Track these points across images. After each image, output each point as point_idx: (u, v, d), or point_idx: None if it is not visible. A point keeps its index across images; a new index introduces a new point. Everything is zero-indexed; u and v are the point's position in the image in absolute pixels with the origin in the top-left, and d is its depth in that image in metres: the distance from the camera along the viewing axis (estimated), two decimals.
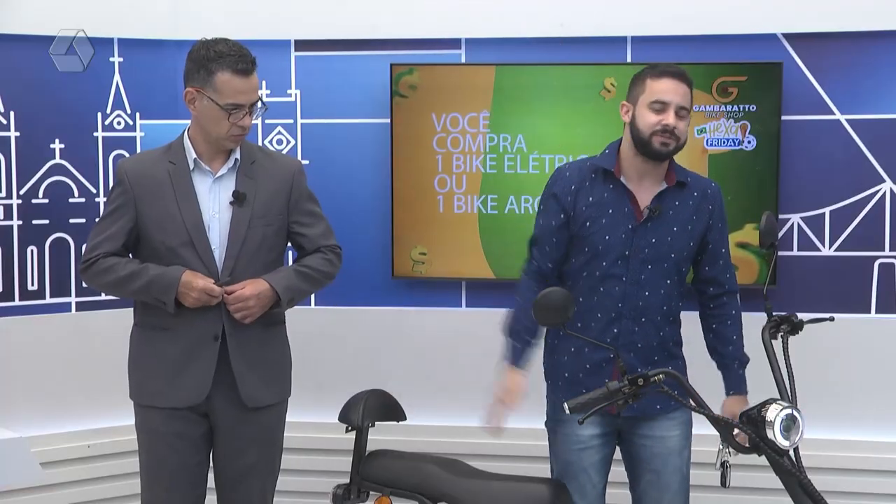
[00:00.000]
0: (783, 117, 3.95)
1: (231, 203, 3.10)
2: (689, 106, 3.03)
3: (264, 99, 3.10)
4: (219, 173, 3.12)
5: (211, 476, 3.23)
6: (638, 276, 3.03)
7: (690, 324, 3.20)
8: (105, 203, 3.19)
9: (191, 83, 3.05)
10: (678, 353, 3.16)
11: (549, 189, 3.14)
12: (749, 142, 3.96)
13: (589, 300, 3.04)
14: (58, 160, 4.10)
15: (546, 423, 3.23)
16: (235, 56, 3.00)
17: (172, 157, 3.12)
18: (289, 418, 3.30)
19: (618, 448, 3.19)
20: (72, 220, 4.13)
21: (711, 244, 3.12)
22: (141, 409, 3.16)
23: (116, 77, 4.18)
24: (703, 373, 3.21)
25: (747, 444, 2.57)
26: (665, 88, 2.99)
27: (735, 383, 3.13)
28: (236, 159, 3.13)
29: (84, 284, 3.56)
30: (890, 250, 3.99)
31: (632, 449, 3.14)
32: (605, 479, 3.16)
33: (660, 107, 2.98)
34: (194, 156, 3.11)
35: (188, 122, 3.17)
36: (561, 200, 3.10)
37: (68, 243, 4.13)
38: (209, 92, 3.01)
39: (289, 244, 3.27)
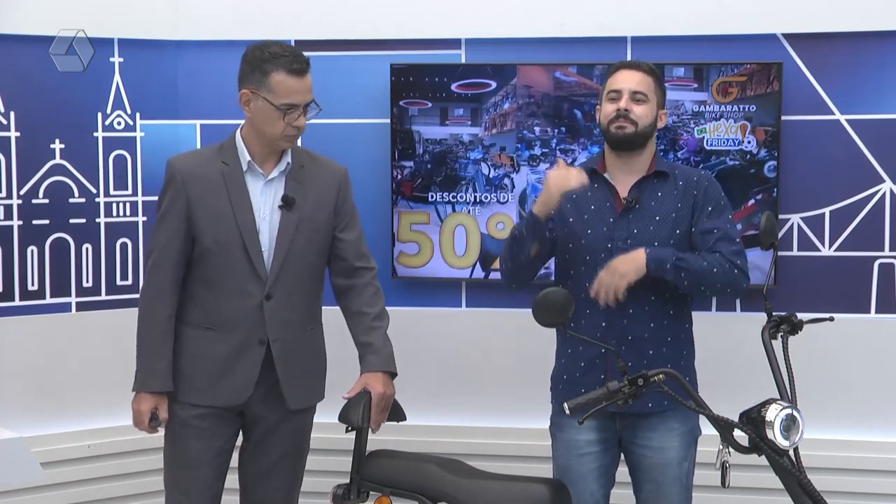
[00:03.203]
0: (783, 117, 3.95)
1: (280, 207, 3.11)
2: (649, 91, 3.08)
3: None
4: (270, 176, 3.13)
5: (231, 478, 3.26)
6: None
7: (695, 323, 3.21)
8: (157, 204, 3.18)
9: (246, 85, 3.06)
10: (680, 349, 3.10)
11: None
12: (749, 142, 3.96)
13: (578, 296, 3.03)
14: (58, 160, 4.10)
15: (550, 428, 3.23)
16: (290, 56, 3.03)
17: (225, 157, 3.13)
18: None
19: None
20: (72, 220, 4.13)
21: (696, 227, 3.07)
22: (174, 403, 3.15)
23: (116, 77, 4.18)
24: (703, 373, 3.22)
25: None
26: (618, 79, 3.10)
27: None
28: (288, 163, 3.14)
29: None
30: (890, 250, 3.99)
31: (632, 458, 3.13)
32: (605, 490, 3.14)
33: (615, 95, 3.08)
34: (248, 158, 3.11)
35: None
36: None
37: (68, 243, 4.13)
38: (264, 92, 3.03)
39: None
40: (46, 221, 4.10)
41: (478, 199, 4.13)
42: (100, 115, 4.17)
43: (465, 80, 4.10)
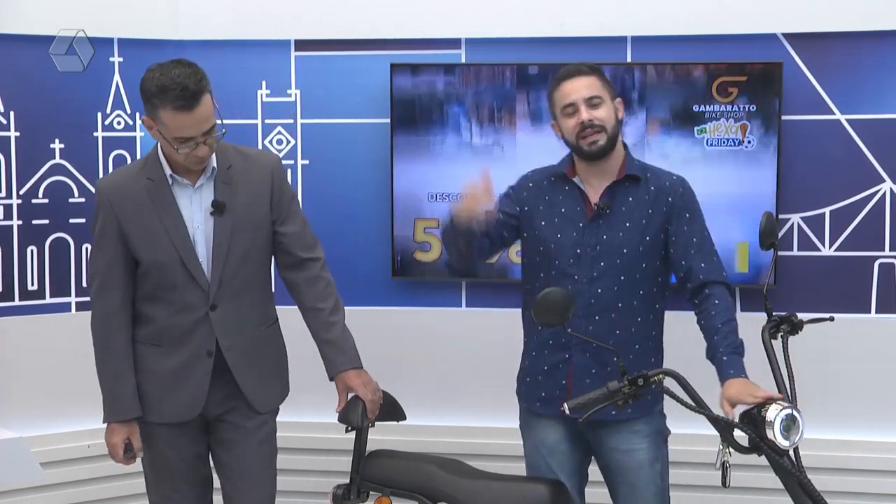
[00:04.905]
0: (783, 117, 3.95)
1: (211, 213, 3.04)
2: (602, 91, 3.01)
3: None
4: (197, 183, 3.05)
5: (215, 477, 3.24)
6: (590, 274, 3.01)
7: (680, 323, 3.20)
8: (91, 228, 3.14)
9: (145, 111, 2.97)
10: (647, 357, 3.04)
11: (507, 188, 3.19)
12: (749, 142, 3.96)
13: None
14: (58, 160, 4.10)
15: (519, 428, 3.23)
16: (177, 91, 2.84)
17: (149, 172, 3.06)
18: (289, 418, 3.30)
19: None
20: (72, 220, 4.13)
21: (676, 236, 3.02)
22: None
23: (116, 77, 4.19)
24: (701, 372, 3.21)
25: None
26: (565, 91, 3.02)
27: (723, 371, 2.82)
28: (213, 167, 3.06)
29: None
30: (890, 250, 4.00)
31: (601, 460, 3.12)
32: (579, 486, 3.13)
33: (571, 110, 3.00)
34: (170, 171, 3.05)
35: None
36: (515, 193, 3.15)
37: (68, 243, 4.13)
38: (158, 124, 2.94)
39: None
40: (46, 221, 4.10)
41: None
42: (99, 114, 4.17)
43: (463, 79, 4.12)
